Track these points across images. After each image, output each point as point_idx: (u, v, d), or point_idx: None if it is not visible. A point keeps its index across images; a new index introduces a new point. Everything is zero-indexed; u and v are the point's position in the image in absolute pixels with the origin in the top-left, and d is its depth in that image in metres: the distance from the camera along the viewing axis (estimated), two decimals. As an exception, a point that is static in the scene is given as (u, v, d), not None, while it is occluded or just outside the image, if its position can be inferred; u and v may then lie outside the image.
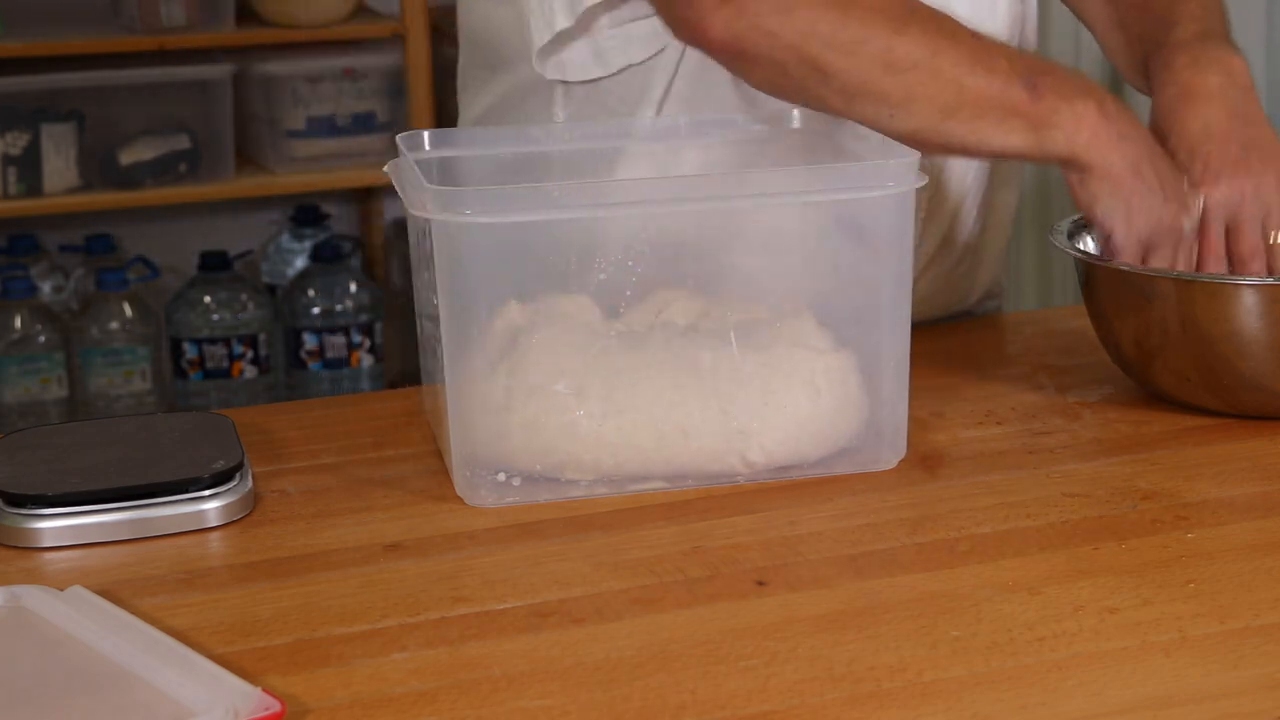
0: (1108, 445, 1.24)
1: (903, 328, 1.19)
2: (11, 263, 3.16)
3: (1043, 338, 1.48)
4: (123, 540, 1.10)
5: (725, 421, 1.15)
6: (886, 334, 1.19)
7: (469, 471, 1.15)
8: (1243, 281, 1.24)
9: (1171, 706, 0.89)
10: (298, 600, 1.02)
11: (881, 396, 1.19)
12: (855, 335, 1.19)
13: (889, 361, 1.19)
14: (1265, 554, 1.06)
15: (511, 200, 1.12)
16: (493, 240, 1.12)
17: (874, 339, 1.19)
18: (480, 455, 1.15)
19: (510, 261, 1.14)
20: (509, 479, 1.15)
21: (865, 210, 1.17)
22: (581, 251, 1.15)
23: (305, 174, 3.17)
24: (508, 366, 1.15)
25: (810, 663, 0.93)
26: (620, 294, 1.17)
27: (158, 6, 3.07)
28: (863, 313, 1.19)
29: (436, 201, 1.12)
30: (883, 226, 1.17)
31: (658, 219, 1.15)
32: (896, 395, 1.19)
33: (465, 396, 1.15)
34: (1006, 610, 0.99)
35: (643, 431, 1.15)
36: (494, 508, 1.14)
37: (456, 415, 1.15)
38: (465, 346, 1.14)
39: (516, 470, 1.15)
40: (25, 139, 3.05)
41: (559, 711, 0.89)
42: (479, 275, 1.13)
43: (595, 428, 1.14)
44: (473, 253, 1.12)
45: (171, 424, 1.25)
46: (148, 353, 3.18)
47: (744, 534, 1.10)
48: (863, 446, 1.19)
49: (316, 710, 0.90)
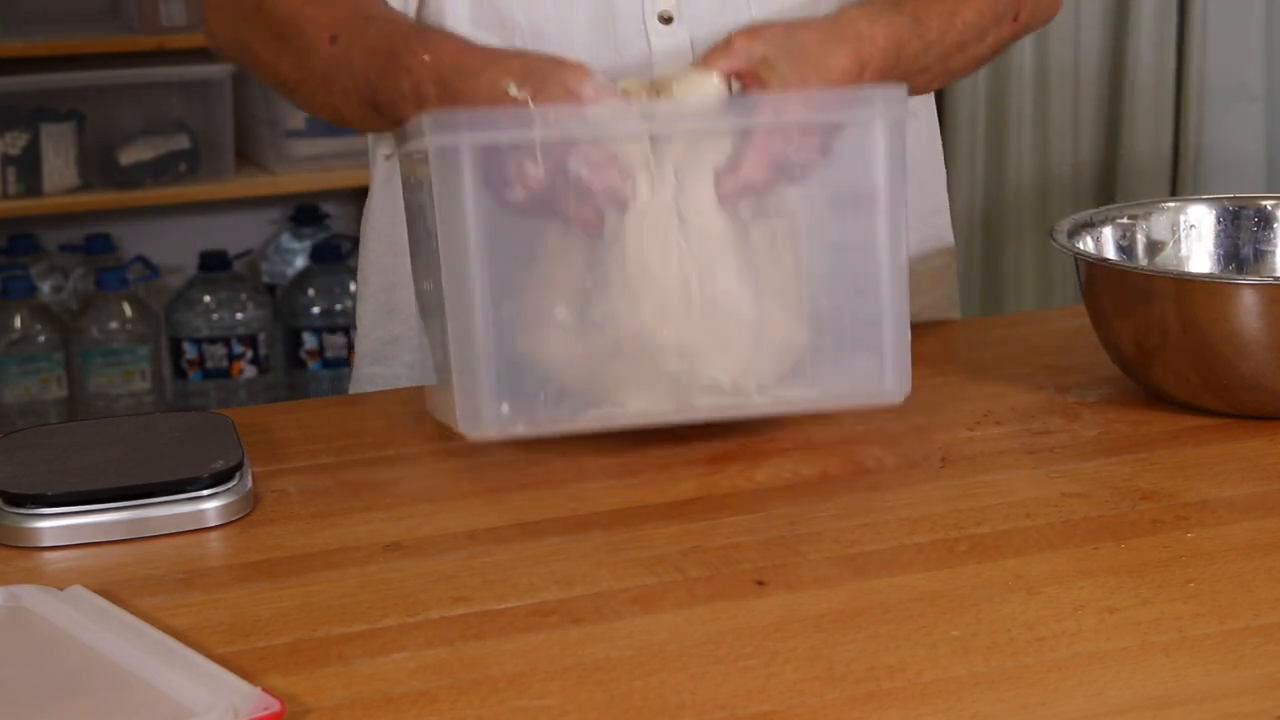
0: (1107, 445, 1.24)
1: (899, 262, 1.18)
2: (11, 263, 3.16)
3: (1043, 338, 1.48)
4: (122, 540, 1.10)
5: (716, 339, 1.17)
6: (884, 266, 1.18)
7: (471, 401, 1.15)
8: (1243, 281, 1.24)
9: (1171, 706, 0.89)
10: (298, 600, 1.02)
11: (882, 330, 1.18)
12: (852, 264, 1.19)
13: (887, 292, 1.18)
14: (1265, 554, 1.06)
15: (504, 120, 1.12)
16: (487, 160, 1.13)
17: (871, 271, 1.18)
18: (482, 381, 1.15)
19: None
20: (513, 411, 1.16)
21: (854, 149, 1.17)
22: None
23: (305, 174, 3.17)
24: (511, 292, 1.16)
25: (810, 663, 0.93)
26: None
27: (158, 6, 3.07)
28: (859, 244, 1.18)
29: (432, 126, 1.12)
30: (874, 163, 1.17)
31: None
32: (898, 325, 1.18)
33: (466, 324, 1.15)
34: (1006, 610, 0.99)
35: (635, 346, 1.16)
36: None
37: (458, 344, 1.15)
38: (464, 275, 1.15)
39: (520, 395, 1.16)
40: (25, 139, 3.05)
41: (559, 711, 0.89)
42: (474, 198, 1.13)
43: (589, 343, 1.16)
44: (468, 172, 1.13)
45: (171, 424, 1.25)
46: (147, 353, 3.18)
47: (744, 534, 1.10)
48: (865, 375, 1.19)
49: (316, 710, 0.90)
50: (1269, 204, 1.43)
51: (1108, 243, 1.40)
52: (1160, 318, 1.25)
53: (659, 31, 1.36)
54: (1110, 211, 1.42)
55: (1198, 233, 1.43)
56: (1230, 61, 3.45)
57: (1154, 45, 3.44)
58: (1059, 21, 3.44)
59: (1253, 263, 1.42)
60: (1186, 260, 1.42)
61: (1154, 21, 3.43)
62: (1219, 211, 1.43)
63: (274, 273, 3.36)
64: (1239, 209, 1.43)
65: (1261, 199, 1.43)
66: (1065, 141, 3.47)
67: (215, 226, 3.34)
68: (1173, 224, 1.43)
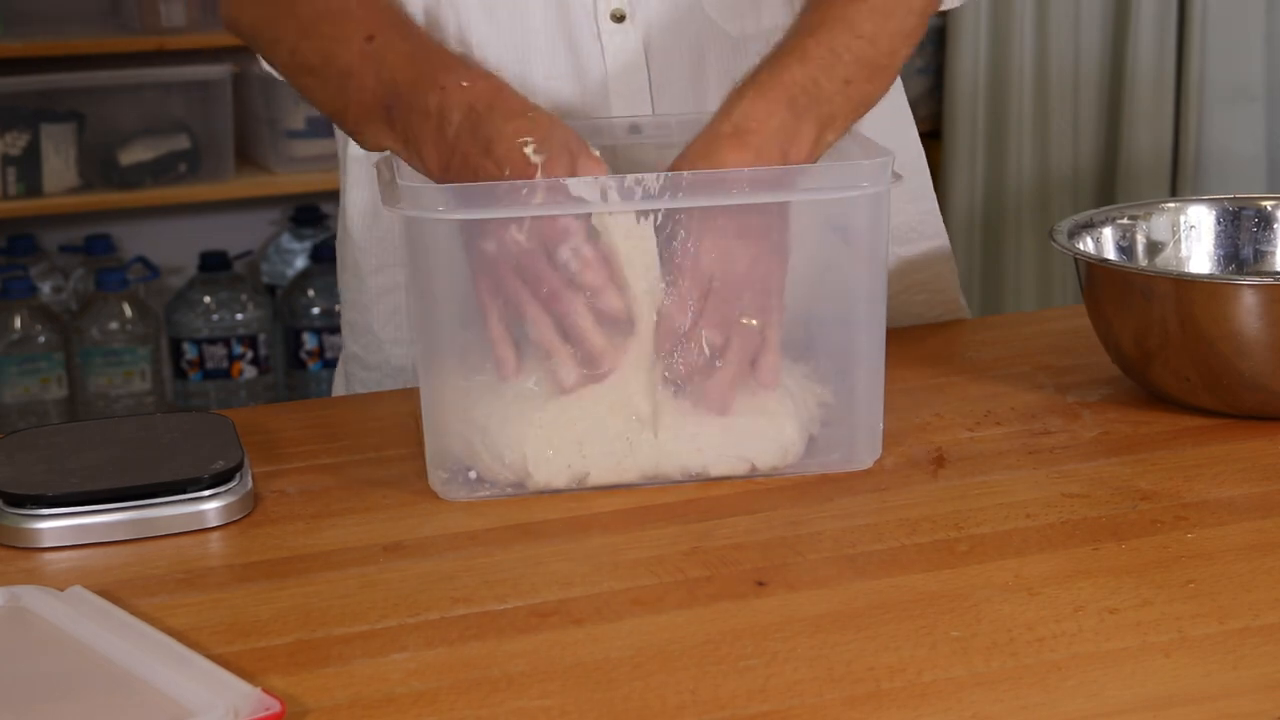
0: (1107, 445, 1.24)
1: (877, 328, 1.19)
2: (11, 263, 3.16)
3: (1043, 338, 1.48)
4: (123, 540, 1.11)
5: (688, 432, 1.16)
6: (862, 334, 1.19)
7: (442, 471, 1.16)
8: (1243, 281, 1.24)
9: (1171, 706, 0.89)
10: (298, 600, 1.02)
11: (856, 396, 1.19)
12: (830, 335, 1.19)
13: (863, 361, 1.19)
14: (1265, 554, 1.06)
15: (478, 197, 1.11)
16: (462, 236, 1.13)
17: (848, 338, 1.19)
18: (451, 453, 1.15)
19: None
20: (480, 478, 1.16)
21: (840, 210, 1.17)
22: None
23: (305, 174, 3.17)
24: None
25: (810, 663, 0.93)
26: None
27: (158, 6, 3.07)
28: (838, 312, 1.19)
29: (408, 198, 1.12)
30: (857, 226, 1.17)
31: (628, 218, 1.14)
32: (871, 395, 1.20)
33: (438, 395, 1.15)
34: (1006, 610, 0.99)
35: (608, 433, 1.15)
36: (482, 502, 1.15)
37: (429, 414, 1.16)
38: (438, 345, 1.15)
39: (485, 471, 1.16)
40: (25, 139, 3.05)
41: (559, 711, 0.89)
42: (450, 273, 1.13)
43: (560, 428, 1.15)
44: (443, 249, 1.13)
45: (171, 424, 1.25)
46: (147, 353, 3.18)
47: (744, 534, 1.10)
48: (838, 446, 1.20)
49: (316, 710, 0.90)
50: (1269, 204, 1.43)
51: (1108, 243, 1.40)
52: (1160, 318, 1.25)
53: (610, 30, 1.37)
54: (1110, 212, 1.42)
55: (1198, 233, 1.43)
56: (1230, 62, 3.46)
57: (1154, 46, 3.44)
58: (1059, 21, 3.45)
59: (1253, 263, 1.42)
60: (1186, 261, 1.42)
61: (1154, 22, 3.44)
62: (1219, 212, 1.43)
63: (274, 273, 3.36)
64: (1239, 209, 1.43)
65: (1261, 199, 1.43)
66: (1065, 142, 3.48)
67: (215, 227, 3.34)
68: (1173, 224, 1.43)
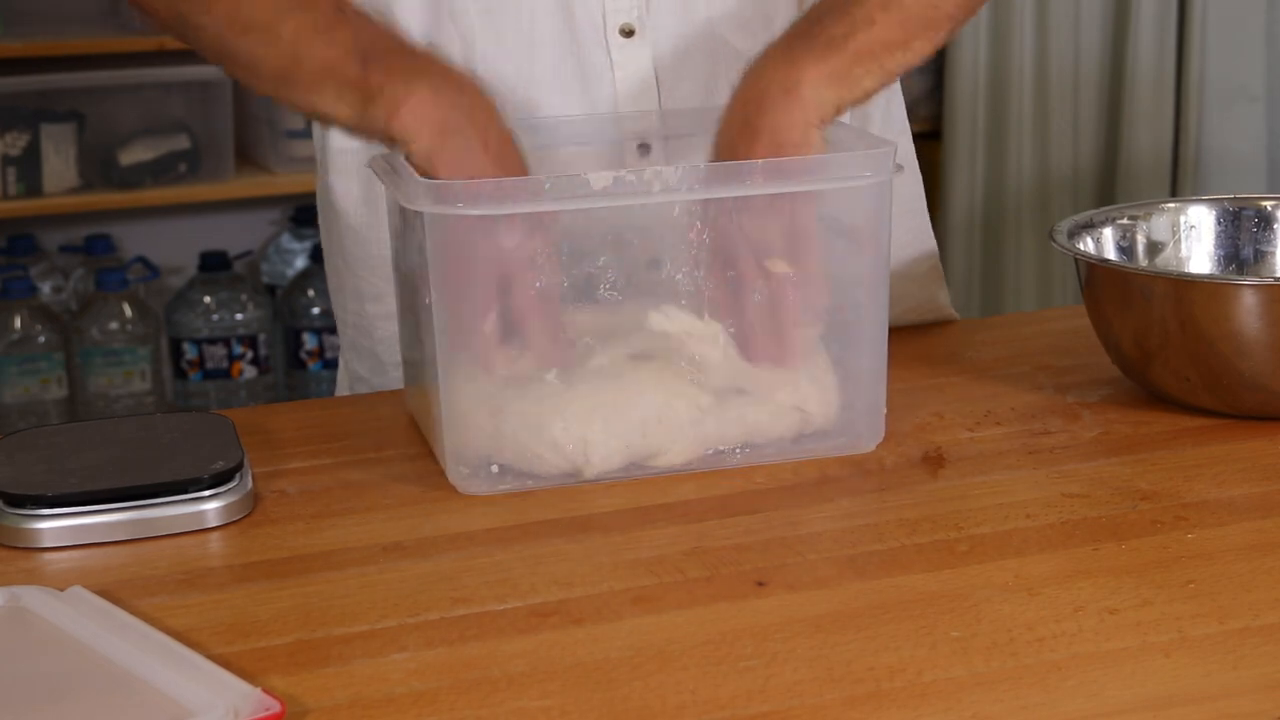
0: (1107, 445, 1.24)
1: (880, 312, 1.20)
2: (11, 263, 3.17)
3: (1043, 338, 1.48)
4: (123, 540, 1.10)
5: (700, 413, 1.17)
6: (865, 319, 1.20)
7: (464, 467, 1.16)
8: (1242, 282, 1.24)
9: (1171, 706, 0.89)
10: (298, 600, 1.02)
11: (860, 381, 1.21)
12: (833, 319, 1.20)
13: (866, 346, 1.20)
14: (1265, 554, 1.06)
15: (504, 193, 1.12)
16: (485, 233, 1.12)
17: (851, 324, 1.20)
18: (473, 449, 1.16)
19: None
20: (502, 471, 1.16)
21: (842, 201, 1.18)
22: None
23: (305, 174, 3.16)
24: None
25: (810, 663, 0.93)
26: (607, 281, 1.17)
27: (158, 7, 3.07)
28: (840, 298, 1.20)
29: (430, 195, 1.12)
30: (860, 217, 1.18)
31: (635, 213, 1.15)
32: (874, 380, 1.21)
33: (458, 391, 1.15)
34: (1006, 610, 0.99)
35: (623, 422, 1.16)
36: (490, 495, 1.15)
37: (449, 409, 1.15)
38: (459, 342, 1.15)
39: (507, 462, 1.16)
40: (25, 139, 3.06)
41: (559, 711, 0.89)
42: (472, 268, 1.13)
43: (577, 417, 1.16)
44: (466, 246, 1.13)
45: (171, 424, 1.25)
46: (147, 353, 3.18)
47: (744, 534, 1.10)
48: (842, 431, 1.21)
49: (316, 710, 0.90)
50: (1269, 204, 1.43)
51: (1108, 243, 1.40)
52: (1160, 318, 1.25)
53: (620, 45, 1.36)
54: (1110, 212, 1.42)
55: (1198, 233, 1.43)
56: (1230, 62, 3.46)
57: (1154, 46, 3.44)
58: (1059, 21, 3.45)
59: (1253, 263, 1.42)
60: (1186, 261, 1.42)
61: (1154, 22, 3.44)
62: (1219, 212, 1.43)
63: (274, 273, 3.36)
64: (1239, 210, 1.43)
65: (1261, 199, 1.43)
66: (1065, 142, 3.48)
67: (215, 227, 3.34)
68: (1173, 225, 1.43)
